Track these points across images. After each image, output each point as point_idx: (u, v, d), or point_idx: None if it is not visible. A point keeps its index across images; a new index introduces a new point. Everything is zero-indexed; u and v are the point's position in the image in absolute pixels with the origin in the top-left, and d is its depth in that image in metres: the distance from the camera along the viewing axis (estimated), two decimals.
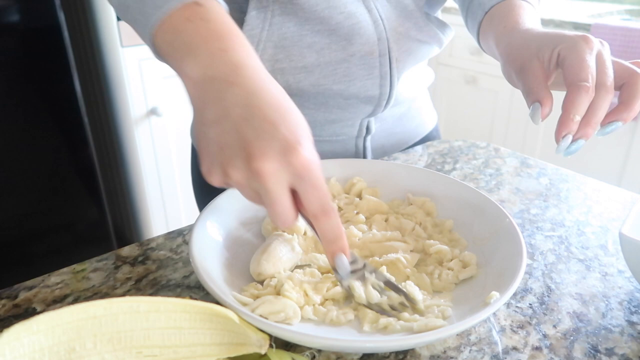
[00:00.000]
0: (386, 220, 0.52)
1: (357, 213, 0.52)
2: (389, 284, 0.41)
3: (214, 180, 0.37)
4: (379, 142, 0.72)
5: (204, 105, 0.37)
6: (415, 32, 0.64)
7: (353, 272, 0.41)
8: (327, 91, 0.62)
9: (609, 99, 0.44)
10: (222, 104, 0.36)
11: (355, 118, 0.67)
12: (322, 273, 0.44)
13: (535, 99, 0.46)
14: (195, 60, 0.38)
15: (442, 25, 0.69)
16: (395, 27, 0.62)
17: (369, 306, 0.40)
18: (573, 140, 0.44)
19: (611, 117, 0.45)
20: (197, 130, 0.38)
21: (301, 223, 0.48)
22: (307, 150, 0.35)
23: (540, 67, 0.47)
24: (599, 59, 0.45)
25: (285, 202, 0.35)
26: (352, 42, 0.60)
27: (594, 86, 0.43)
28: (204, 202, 0.76)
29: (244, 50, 0.38)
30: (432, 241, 0.47)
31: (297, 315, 0.38)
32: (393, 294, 0.41)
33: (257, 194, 0.36)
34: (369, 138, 0.70)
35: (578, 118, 0.43)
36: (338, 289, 0.42)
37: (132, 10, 0.42)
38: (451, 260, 0.45)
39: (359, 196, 0.54)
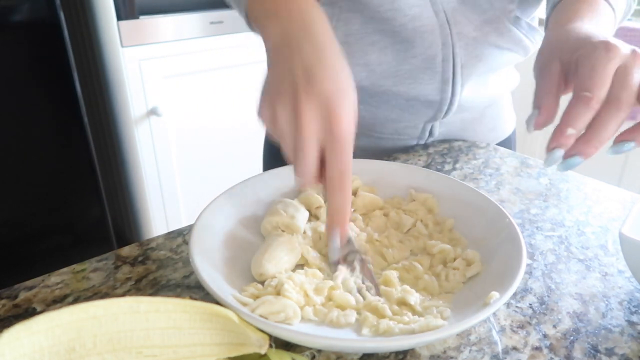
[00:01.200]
0: (386, 216, 0.52)
1: (354, 210, 0.52)
2: (369, 280, 0.43)
3: (264, 115, 0.39)
4: None
5: (277, 58, 0.40)
6: (495, 37, 0.61)
7: (345, 255, 0.44)
8: (388, 91, 0.62)
9: (619, 116, 0.37)
10: (288, 52, 0.39)
11: (417, 120, 0.66)
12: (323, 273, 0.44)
13: (537, 104, 0.42)
14: (276, 20, 0.42)
15: (532, 31, 0.64)
16: (468, 31, 0.60)
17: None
18: (568, 156, 0.39)
19: (625, 135, 0.38)
20: (266, 78, 0.41)
21: (300, 222, 0.48)
22: (347, 122, 0.36)
23: (557, 70, 0.42)
24: (621, 69, 0.38)
25: (312, 155, 0.37)
26: (414, 44, 0.59)
27: (602, 98, 0.38)
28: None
29: (317, 12, 0.42)
30: (433, 241, 0.47)
31: (297, 316, 0.38)
32: (368, 295, 0.42)
33: (292, 142, 0.38)
34: (431, 140, 0.69)
35: (571, 131, 0.38)
36: (341, 291, 0.42)
37: None
38: (454, 259, 0.45)
39: (355, 194, 0.55)
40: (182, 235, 0.52)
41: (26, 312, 0.41)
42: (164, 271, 0.46)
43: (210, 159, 1.70)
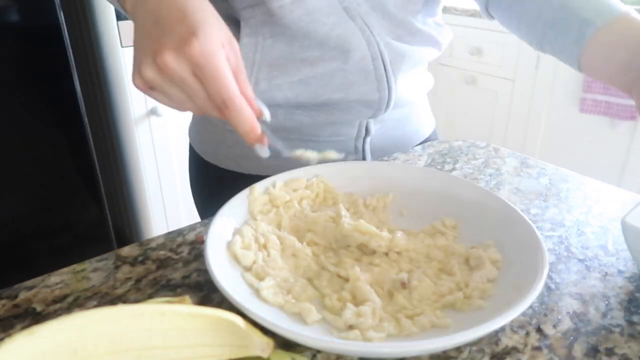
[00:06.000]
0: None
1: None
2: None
3: (136, 83, 0.39)
4: (377, 144, 0.72)
5: (134, 22, 0.41)
6: (408, 37, 0.64)
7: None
8: (327, 101, 0.63)
9: None
10: (141, 16, 0.40)
11: (356, 120, 0.67)
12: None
13: None
14: None
15: (439, 28, 0.68)
16: (386, 33, 0.62)
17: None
18: None
19: None
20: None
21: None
22: (203, 42, 0.36)
23: None
24: None
25: (197, 90, 0.38)
26: (342, 50, 0.60)
27: None
28: (201, 202, 0.77)
29: None
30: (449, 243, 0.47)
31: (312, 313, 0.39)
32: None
33: (175, 90, 0.38)
34: (368, 140, 0.70)
35: None
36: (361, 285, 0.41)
37: None
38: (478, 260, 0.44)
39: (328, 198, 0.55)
40: (182, 235, 0.52)
41: (26, 312, 0.41)
42: (164, 271, 0.46)
43: None
